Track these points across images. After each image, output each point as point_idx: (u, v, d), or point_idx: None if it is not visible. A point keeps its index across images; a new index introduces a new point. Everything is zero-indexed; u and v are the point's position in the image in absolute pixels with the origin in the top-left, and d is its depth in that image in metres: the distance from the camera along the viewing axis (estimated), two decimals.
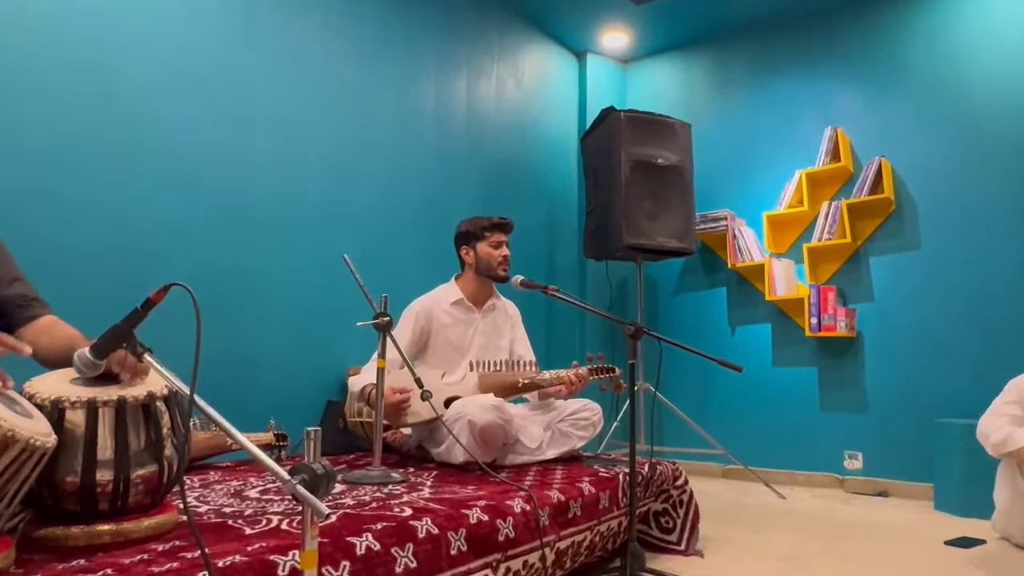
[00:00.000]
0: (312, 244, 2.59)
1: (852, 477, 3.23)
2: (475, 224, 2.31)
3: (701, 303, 3.77)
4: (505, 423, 1.94)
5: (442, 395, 2.07)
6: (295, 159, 2.56)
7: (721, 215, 3.59)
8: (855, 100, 3.42)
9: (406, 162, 2.99)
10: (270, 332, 2.44)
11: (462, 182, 3.24)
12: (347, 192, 2.74)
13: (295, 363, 2.49)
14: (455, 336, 2.27)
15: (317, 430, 1.07)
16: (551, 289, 2.01)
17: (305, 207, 2.59)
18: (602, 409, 2.26)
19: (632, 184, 3.17)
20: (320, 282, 2.58)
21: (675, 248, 3.25)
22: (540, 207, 3.72)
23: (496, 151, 3.47)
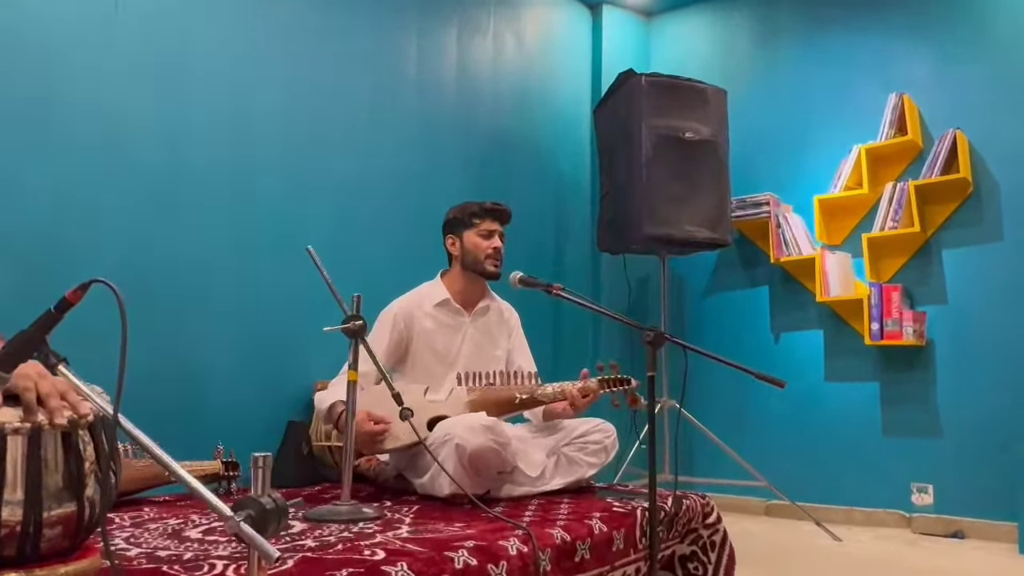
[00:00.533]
0: (270, 233, 2.58)
1: (921, 515, 3.22)
2: (463, 210, 2.32)
3: (738, 305, 3.75)
4: (500, 447, 1.94)
5: (425, 414, 2.07)
6: (248, 131, 2.56)
7: (762, 199, 3.58)
8: (925, 61, 3.41)
9: (383, 138, 2.99)
10: (218, 339, 2.44)
11: (451, 162, 3.24)
12: (312, 173, 2.74)
13: (249, 377, 2.49)
14: (440, 344, 2.27)
15: (267, 456, 1.07)
16: (556, 288, 2.00)
17: (261, 189, 2.59)
18: (617, 430, 2.26)
19: (655, 163, 3.17)
20: (279, 279, 2.58)
21: (706, 239, 3.24)
22: (545, 191, 3.72)
23: (492, 125, 3.47)
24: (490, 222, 2.30)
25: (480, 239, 2.28)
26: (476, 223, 2.29)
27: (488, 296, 2.38)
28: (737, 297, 3.77)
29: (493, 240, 2.29)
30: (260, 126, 2.60)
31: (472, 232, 2.29)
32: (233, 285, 2.48)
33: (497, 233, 2.31)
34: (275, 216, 2.61)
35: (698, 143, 3.23)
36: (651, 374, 1.74)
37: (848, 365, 3.45)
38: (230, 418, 2.38)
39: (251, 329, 2.52)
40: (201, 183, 2.42)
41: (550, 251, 3.72)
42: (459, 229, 2.31)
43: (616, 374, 2.19)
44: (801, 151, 3.66)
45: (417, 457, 2.08)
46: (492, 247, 2.28)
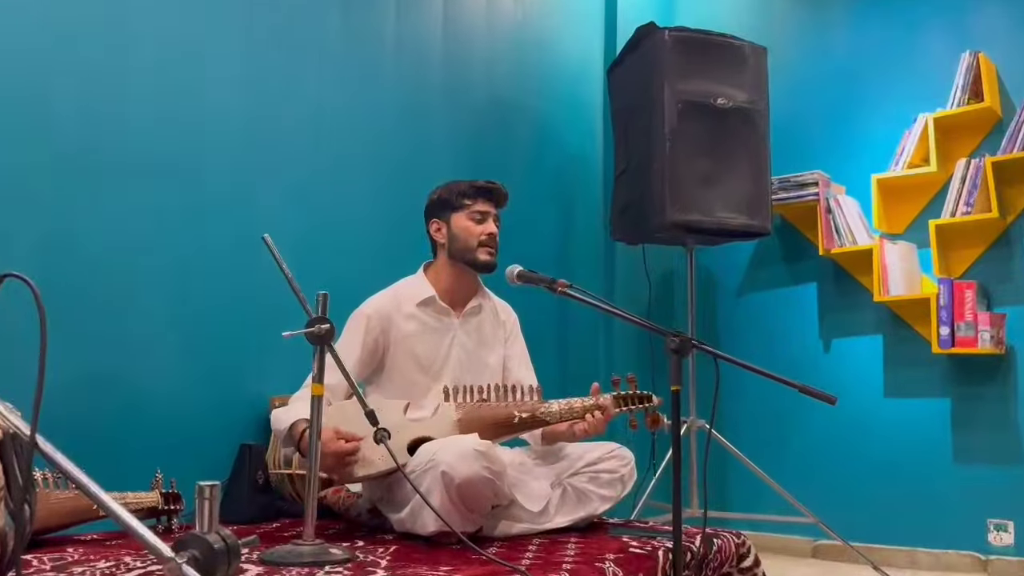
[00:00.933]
0: (220, 219, 2.58)
1: (1000, 557, 3.23)
2: (451, 189, 2.32)
3: (779, 306, 3.76)
4: (495, 476, 1.94)
5: (405, 435, 2.07)
6: (193, 94, 2.55)
7: (810, 179, 3.59)
8: (1004, 14, 3.41)
9: (356, 108, 2.99)
10: (157, 346, 2.43)
11: (436, 136, 3.24)
12: (271, 151, 2.73)
13: (193, 391, 2.49)
14: (424, 350, 2.27)
15: (215, 486, 1.07)
16: (561, 285, 2.00)
17: (209, 164, 2.58)
18: (635, 456, 2.26)
19: (681, 135, 3.17)
20: (231, 276, 2.57)
21: (742, 227, 3.24)
22: (548, 170, 3.72)
23: (486, 91, 3.47)
24: (483, 203, 2.30)
25: (471, 223, 2.28)
26: (466, 204, 2.29)
27: (481, 293, 2.38)
28: (778, 296, 3.77)
29: (486, 224, 2.29)
30: (210, 92, 2.59)
31: (462, 215, 2.29)
32: (176, 282, 2.48)
33: (491, 216, 2.31)
34: (227, 198, 2.60)
35: (732, 111, 3.23)
36: (675, 388, 1.74)
37: (912, 378, 3.45)
38: (171, 440, 2.38)
39: (196, 334, 2.51)
40: (135, 157, 2.41)
41: (554, 241, 3.72)
42: (446, 212, 2.31)
43: (634, 389, 2.20)
44: (856, 121, 3.66)
45: (395, 487, 2.07)
46: (485, 232, 2.28)
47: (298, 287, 1.78)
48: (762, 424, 3.64)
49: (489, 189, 2.32)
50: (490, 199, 2.32)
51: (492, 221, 2.30)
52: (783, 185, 3.60)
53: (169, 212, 2.48)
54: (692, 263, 3.42)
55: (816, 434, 3.58)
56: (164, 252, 2.46)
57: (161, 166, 2.47)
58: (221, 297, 2.57)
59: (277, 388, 2.54)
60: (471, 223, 2.28)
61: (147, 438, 2.35)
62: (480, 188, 2.30)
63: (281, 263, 1.77)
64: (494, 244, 2.30)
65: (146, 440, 2.35)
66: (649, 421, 2.18)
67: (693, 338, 1.77)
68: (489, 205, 2.31)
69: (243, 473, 2.44)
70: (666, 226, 3.17)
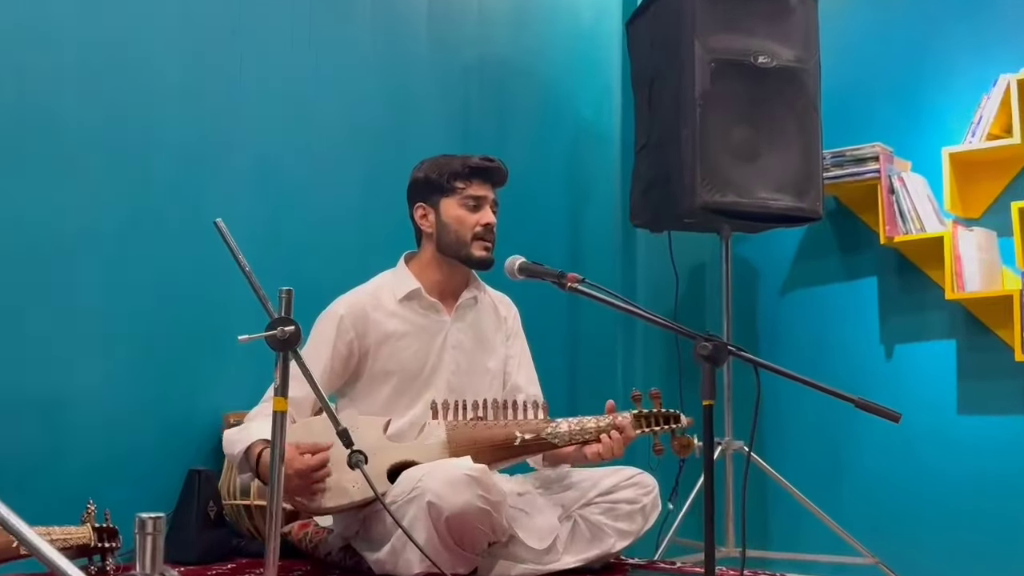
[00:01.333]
0: (164, 206, 2.59)
1: None
2: (439, 167, 2.32)
3: (832, 304, 3.75)
4: (491, 507, 1.95)
5: (385, 459, 2.08)
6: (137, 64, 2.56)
7: (869, 153, 3.58)
8: None
9: (326, 70, 2.99)
10: (90, 356, 2.44)
11: (422, 104, 3.25)
12: (223, 121, 2.74)
13: (133, 407, 2.50)
14: (408, 355, 2.28)
15: (158, 519, 1.08)
16: (571, 279, 2.01)
17: (152, 143, 2.59)
18: (659, 485, 2.27)
19: (715, 100, 3.16)
20: (178, 270, 2.58)
21: (788, 210, 3.24)
22: (556, 144, 3.71)
23: (480, 49, 3.47)
24: (478, 185, 2.30)
25: (464, 211, 2.29)
26: (458, 188, 2.29)
27: (475, 285, 2.39)
28: (831, 293, 3.76)
29: (483, 212, 2.29)
30: (155, 55, 2.60)
31: (453, 201, 2.30)
32: (111, 281, 2.49)
33: (488, 202, 2.31)
34: (172, 185, 2.62)
35: (776, 72, 3.23)
36: (708, 403, 1.74)
37: (992, 391, 3.45)
38: (105, 466, 2.39)
39: (135, 341, 2.52)
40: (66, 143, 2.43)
41: (563, 228, 3.72)
42: (434, 195, 2.32)
43: (658, 407, 2.21)
44: (924, 84, 3.65)
45: (373, 521, 2.09)
46: (482, 222, 2.28)
47: (257, 282, 1.78)
48: (811, 446, 3.64)
49: (486, 168, 2.32)
50: (487, 179, 2.32)
51: (489, 208, 2.31)
52: (837, 160, 3.60)
53: (103, 191, 2.49)
54: (728, 253, 3.41)
55: (876, 458, 3.57)
56: (98, 248, 2.47)
57: (95, 148, 2.48)
58: (165, 298, 2.58)
59: (232, 403, 2.55)
60: (464, 211, 2.29)
61: (77, 463, 2.36)
62: (475, 168, 2.31)
63: (237, 253, 1.77)
64: (491, 237, 2.30)
65: (76, 466, 2.36)
66: (676, 445, 2.19)
67: (729, 343, 1.77)
68: (486, 188, 2.31)
69: (192, 504, 2.45)
70: (697, 209, 3.16)
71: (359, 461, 1.79)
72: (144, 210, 2.56)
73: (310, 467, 1.99)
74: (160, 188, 2.60)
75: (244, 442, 2.08)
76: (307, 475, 1.99)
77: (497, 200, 2.34)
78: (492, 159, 2.34)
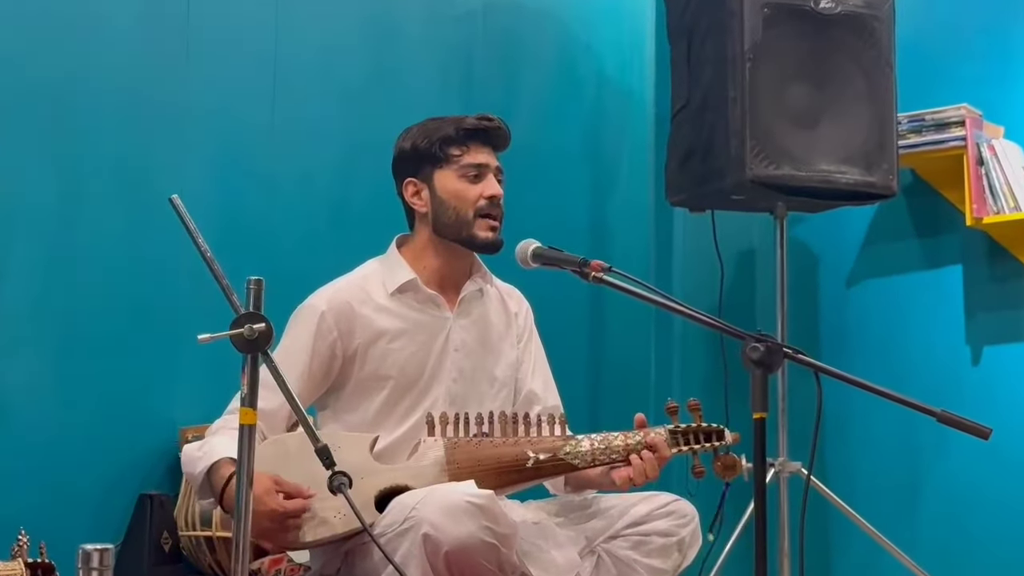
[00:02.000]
0: (106, 173, 2.60)
1: None
2: (428, 133, 2.31)
3: (908, 297, 3.75)
4: (499, 540, 1.94)
5: (372, 483, 2.08)
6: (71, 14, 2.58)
7: (953, 116, 3.56)
8: None
9: (300, 18, 3.00)
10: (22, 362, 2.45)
11: (414, 55, 3.25)
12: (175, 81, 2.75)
13: (73, 421, 2.50)
14: (403, 358, 2.28)
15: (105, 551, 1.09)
16: (596, 267, 2.01)
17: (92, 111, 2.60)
18: (699, 514, 2.26)
19: (768, 53, 3.16)
20: (124, 259, 2.60)
21: (855, 185, 3.23)
22: (576, 108, 3.71)
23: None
24: (476, 150, 2.29)
25: (463, 183, 2.28)
26: (453, 155, 2.28)
27: (479, 273, 2.39)
28: (907, 284, 3.76)
29: (486, 182, 2.28)
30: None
31: (449, 172, 2.29)
32: (45, 267, 2.50)
33: (491, 169, 2.30)
34: (116, 152, 2.63)
35: (842, 19, 3.22)
36: (759, 416, 1.75)
37: None
38: (40, 490, 2.40)
39: (76, 344, 2.53)
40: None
41: (586, 206, 3.73)
42: (425, 167, 2.31)
43: (698, 421, 2.20)
44: (1019, 34, 3.64)
45: (357, 557, 2.08)
46: (485, 194, 2.27)
47: (220, 271, 1.79)
48: (883, 468, 3.64)
49: (484, 129, 2.31)
50: (486, 143, 2.31)
51: (493, 176, 2.30)
52: (914, 125, 3.59)
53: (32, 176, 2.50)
54: (783, 237, 3.41)
55: (961, 481, 3.56)
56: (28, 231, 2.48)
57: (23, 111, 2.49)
58: (110, 290, 2.59)
59: (190, 416, 2.57)
60: (464, 183, 2.28)
61: (5, 486, 2.37)
62: (471, 129, 2.30)
63: (195, 236, 1.77)
64: (498, 212, 2.29)
65: (4, 489, 2.36)
66: (720, 465, 2.18)
67: (784, 344, 1.78)
68: (486, 153, 2.30)
69: (142, 535, 2.46)
70: (746, 184, 3.16)
71: (342, 484, 1.80)
72: (82, 185, 2.57)
73: (285, 512, 1.98)
74: (101, 159, 2.60)
75: (206, 460, 2.07)
76: (280, 520, 1.99)
77: (501, 168, 2.33)
78: (491, 117, 2.33)
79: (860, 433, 3.63)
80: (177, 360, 2.61)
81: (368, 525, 1.91)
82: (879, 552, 3.23)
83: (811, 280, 3.94)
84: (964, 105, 3.56)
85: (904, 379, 3.44)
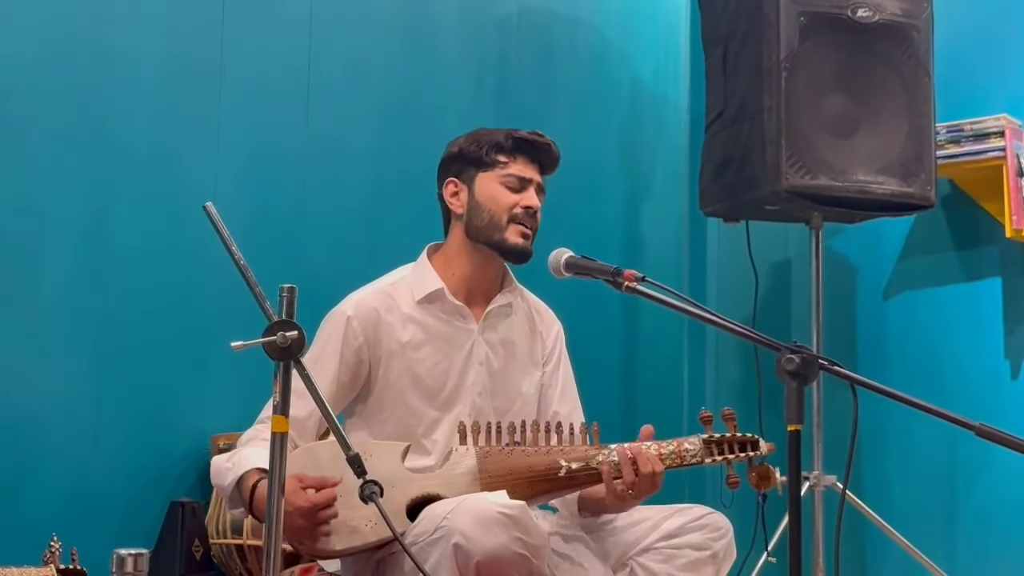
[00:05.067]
0: (139, 181, 2.62)
1: None
2: (478, 139, 2.32)
3: (947, 310, 3.72)
4: (531, 552, 1.94)
5: (404, 492, 2.08)
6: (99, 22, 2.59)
7: (993, 126, 3.54)
8: None
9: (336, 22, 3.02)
10: (55, 371, 2.46)
11: (448, 62, 3.26)
12: (208, 87, 2.77)
13: (106, 429, 2.52)
14: (425, 370, 2.28)
15: (139, 556, 1.10)
16: (629, 277, 2.01)
17: (124, 122, 2.61)
18: (734, 527, 2.26)
19: (804, 62, 3.15)
20: (157, 268, 2.61)
21: (893, 195, 3.21)
22: (609, 116, 3.71)
23: (520, 5, 3.47)
24: (523, 163, 2.30)
25: (503, 189, 2.29)
26: (500, 162, 2.29)
27: (510, 287, 2.39)
28: (946, 296, 3.73)
29: (526, 194, 2.29)
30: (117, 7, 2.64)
31: (491, 177, 2.29)
32: (78, 275, 2.51)
33: (533, 185, 2.31)
34: (149, 158, 2.64)
35: (880, 28, 3.21)
36: (794, 429, 1.74)
37: None
38: (72, 497, 2.41)
39: (109, 353, 2.55)
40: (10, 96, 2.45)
41: (618, 215, 3.73)
42: (469, 170, 2.32)
43: (733, 431, 2.19)
44: None
45: (388, 566, 2.09)
46: (523, 204, 2.28)
47: (253, 278, 1.80)
48: (920, 483, 3.61)
49: (534, 143, 2.32)
50: (534, 160, 2.32)
51: (534, 191, 2.30)
52: (953, 135, 3.56)
53: (66, 184, 2.52)
54: (819, 248, 3.39)
55: (1000, 497, 3.53)
56: (61, 239, 2.50)
57: (56, 120, 2.51)
58: (142, 299, 2.61)
59: (221, 424, 2.58)
60: (504, 190, 2.28)
61: (38, 493, 2.39)
62: (523, 140, 2.31)
63: (229, 244, 1.78)
64: (533, 224, 2.29)
65: (37, 496, 2.39)
66: (755, 476, 2.17)
67: (820, 355, 1.76)
68: (532, 169, 2.31)
69: (174, 543, 2.47)
70: (781, 194, 3.14)
71: (373, 494, 1.80)
72: (115, 191, 2.59)
73: (315, 505, 1.99)
74: (134, 165, 2.62)
75: (236, 471, 2.09)
76: (311, 514, 1.99)
77: (544, 187, 2.34)
78: (540, 134, 2.34)
79: (897, 447, 3.61)
80: (209, 367, 2.63)
81: (399, 534, 1.92)
82: (916, 568, 3.21)
83: (848, 292, 3.92)
84: (1004, 115, 3.54)
85: (942, 392, 3.42)
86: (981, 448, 1.76)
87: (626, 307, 3.56)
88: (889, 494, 3.56)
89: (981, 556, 3.50)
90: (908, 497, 3.61)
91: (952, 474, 3.60)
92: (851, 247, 3.91)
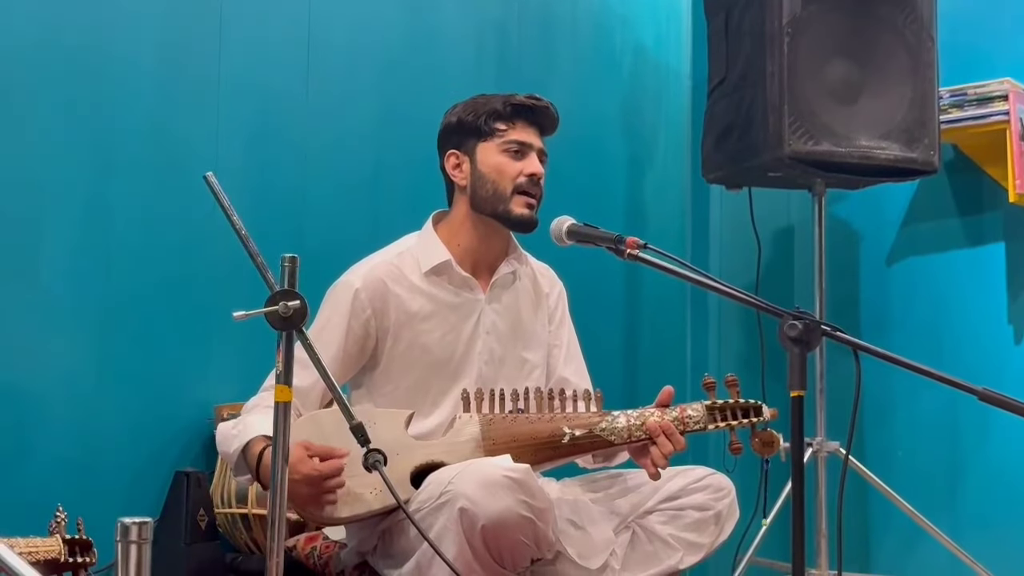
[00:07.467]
0: (137, 160, 2.61)
1: None
2: (475, 108, 2.32)
3: (950, 275, 3.71)
4: (536, 515, 1.95)
5: (408, 460, 2.10)
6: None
7: (997, 90, 3.52)
8: None
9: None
10: (58, 341, 2.47)
11: (448, 27, 3.25)
12: (206, 53, 2.76)
13: (109, 399, 2.53)
14: (433, 341, 2.29)
15: (144, 524, 1.10)
16: (631, 245, 2.01)
17: (125, 88, 2.61)
18: (736, 489, 2.27)
19: (807, 27, 3.13)
20: (159, 237, 2.61)
21: (896, 161, 3.21)
22: (610, 82, 3.70)
23: None
24: (522, 128, 2.30)
25: (505, 158, 2.29)
26: (499, 130, 2.29)
27: (515, 254, 2.40)
28: (949, 262, 3.72)
29: (528, 160, 2.29)
30: None
31: (492, 146, 2.30)
32: (80, 246, 2.52)
33: (535, 150, 2.31)
34: (149, 125, 2.64)
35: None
36: (797, 395, 1.74)
37: None
38: (77, 467, 2.42)
39: (111, 320, 2.55)
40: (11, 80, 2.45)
41: (620, 183, 3.72)
42: (469, 140, 2.32)
43: (735, 396, 2.20)
44: None
45: (393, 533, 2.10)
46: (526, 172, 2.28)
47: (255, 248, 1.80)
48: (923, 448, 3.61)
49: (532, 107, 2.32)
50: (533, 123, 2.32)
51: (536, 156, 2.31)
52: (957, 100, 3.55)
53: (64, 154, 2.51)
54: (822, 214, 3.39)
55: (1003, 461, 3.53)
56: (62, 210, 2.50)
57: (51, 87, 2.50)
58: (144, 269, 2.61)
59: (225, 394, 2.59)
60: (505, 158, 2.29)
61: (43, 464, 2.40)
62: (520, 106, 2.31)
63: (230, 214, 1.78)
64: (537, 192, 2.30)
65: (42, 467, 2.40)
66: (758, 442, 2.18)
67: (823, 321, 1.77)
68: (532, 133, 2.31)
69: (178, 513, 2.48)
70: (784, 160, 3.14)
71: (377, 462, 1.81)
72: (115, 159, 2.58)
73: (321, 474, 2.00)
74: (135, 138, 2.61)
75: (241, 438, 2.10)
76: (316, 483, 2.00)
77: (546, 151, 2.34)
78: (540, 98, 2.34)
79: (900, 412, 3.61)
80: (212, 337, 2.63)
81: (404, 501, 1.93)
82: (919, 533, 3.22)
83: (851, 258, 3.91)
84: (1007, 79, 3.52)
85: (945, 358, 3.43)
86: (984, 413, 1.77)
87: (629, 275, 3.56)
88: (892, 459, 3.57)
89: (984, 521, 3.50)
90: (911, 462, 3.61)
91: (955, 439, 3.61)
92: (854, 213, 3.90)
